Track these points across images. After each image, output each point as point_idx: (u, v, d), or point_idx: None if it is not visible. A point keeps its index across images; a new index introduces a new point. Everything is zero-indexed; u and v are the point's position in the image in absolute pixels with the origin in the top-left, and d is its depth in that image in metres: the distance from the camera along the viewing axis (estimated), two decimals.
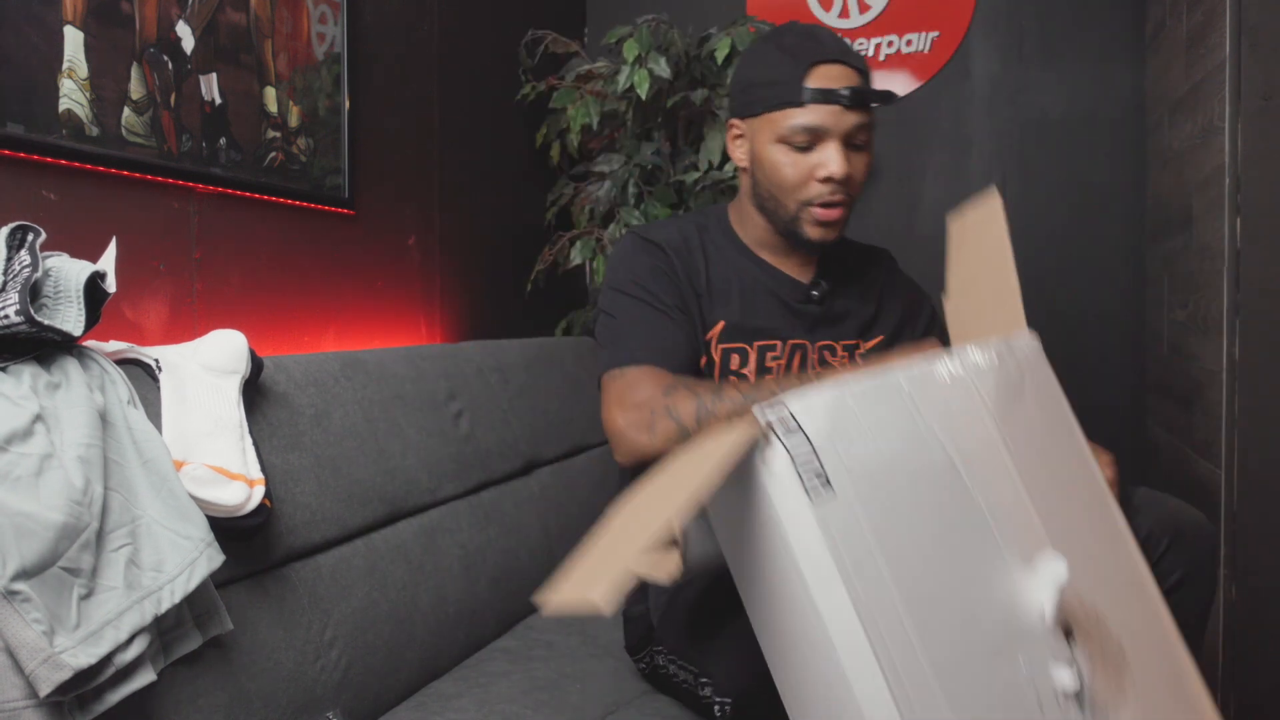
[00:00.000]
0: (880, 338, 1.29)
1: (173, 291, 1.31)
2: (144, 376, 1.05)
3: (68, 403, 0.88)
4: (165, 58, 1.28)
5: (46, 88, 1.12)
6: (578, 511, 1.85)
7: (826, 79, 1.13)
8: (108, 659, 0.80)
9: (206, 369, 1.09)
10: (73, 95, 1.14)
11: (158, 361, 1.06)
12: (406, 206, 1.88)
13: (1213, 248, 1.65)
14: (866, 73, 1.17)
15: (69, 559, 0.79)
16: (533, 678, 1.32)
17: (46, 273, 0.92)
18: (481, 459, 1.59)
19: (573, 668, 1.37)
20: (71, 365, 0.93)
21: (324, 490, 1.20)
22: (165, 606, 0.86)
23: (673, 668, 1.24)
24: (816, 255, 1.26)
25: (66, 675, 0.75)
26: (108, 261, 0.99)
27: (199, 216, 1.36)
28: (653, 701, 1.28)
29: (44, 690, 0.74)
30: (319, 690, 1.11)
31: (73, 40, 1.14)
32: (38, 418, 0.84)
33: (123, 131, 1.22)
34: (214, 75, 1.37)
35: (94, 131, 1.18)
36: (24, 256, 0.90)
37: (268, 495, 1.04)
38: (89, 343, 1.01)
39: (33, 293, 0.89)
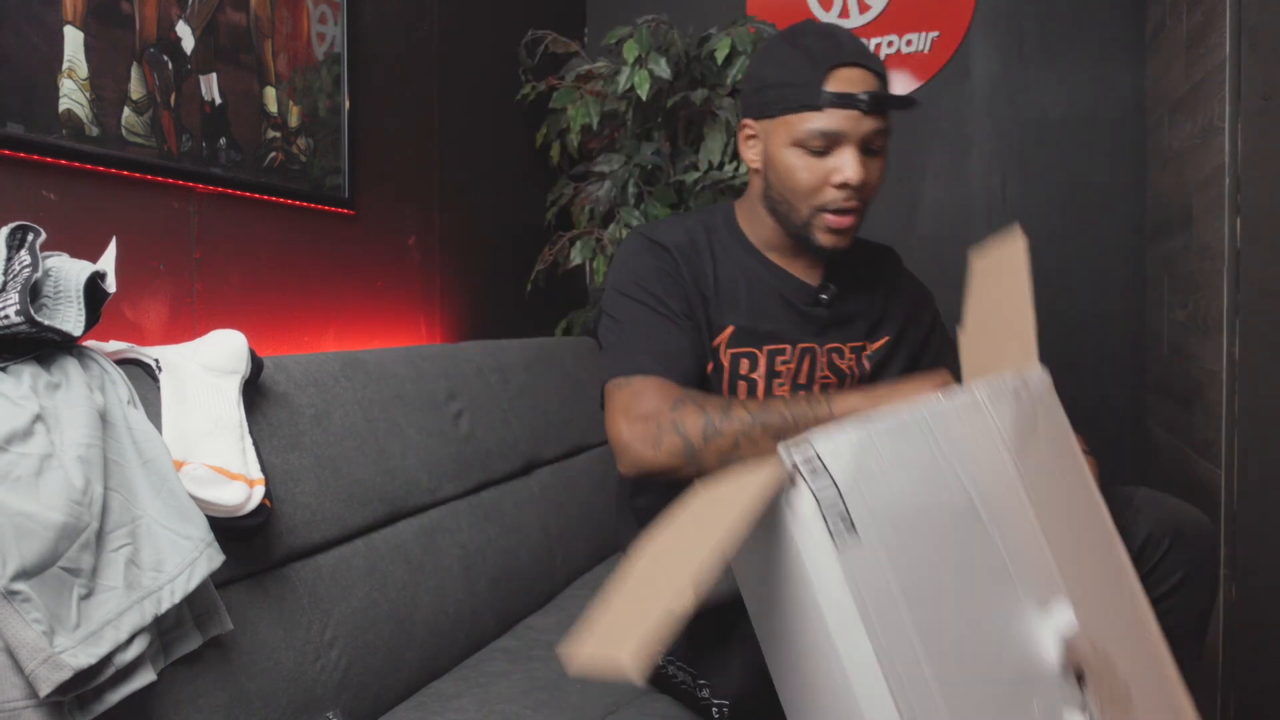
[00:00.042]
0: (886, 339, 1.28)
1: (173, 291, 1.31)
2: (144, 376, 1.05)
3: (68, 403, 0.88)
4: (165, 58, 1.28)
5: (46, 88, 1.12)
6: (578, 511, 1.85)
7: (846, 83, 1.10)
8: (108, 659, 0.80)
9: (206, 369, 1.09)
10: (73, 95, 1.15)
11: (158, 361, 1.06)
12: (406, 206, 1.88)
13: (1213, 248, 1.65)
14: (885, 76, 1.14)
15: (69, 559, 0.79)
16: (533, 678, 1.32)
17: (46, 273, 0.92)
18: (481, 459, 1.59)
19: None
20: (71, 365, 0.93)
21: (324, 490, 1.20)
22: (165, 606, 0.86)
23: (671, 669, 1.24)
24: (825, 259, 1.25)
25: (66, 675, 0.75)
26: (108, 261, 0.99)
27: (199, 216, 1.36)
28: (652, 702, 1.28)
29: (44, 690, 0.74)
30: (319, 690, 1.11)
31: (73, 40, 1.14)
32: (38, 418, 0.84)
33: (123, 131, 1.22)
34: (214, 75, 1.37)
35: (94, 131, 1.18)
36: (24, 256, 0.90)
37: (268, 495, 1.04)
38: (89, 343, 1.01)
39: (33, 293, 0.89)
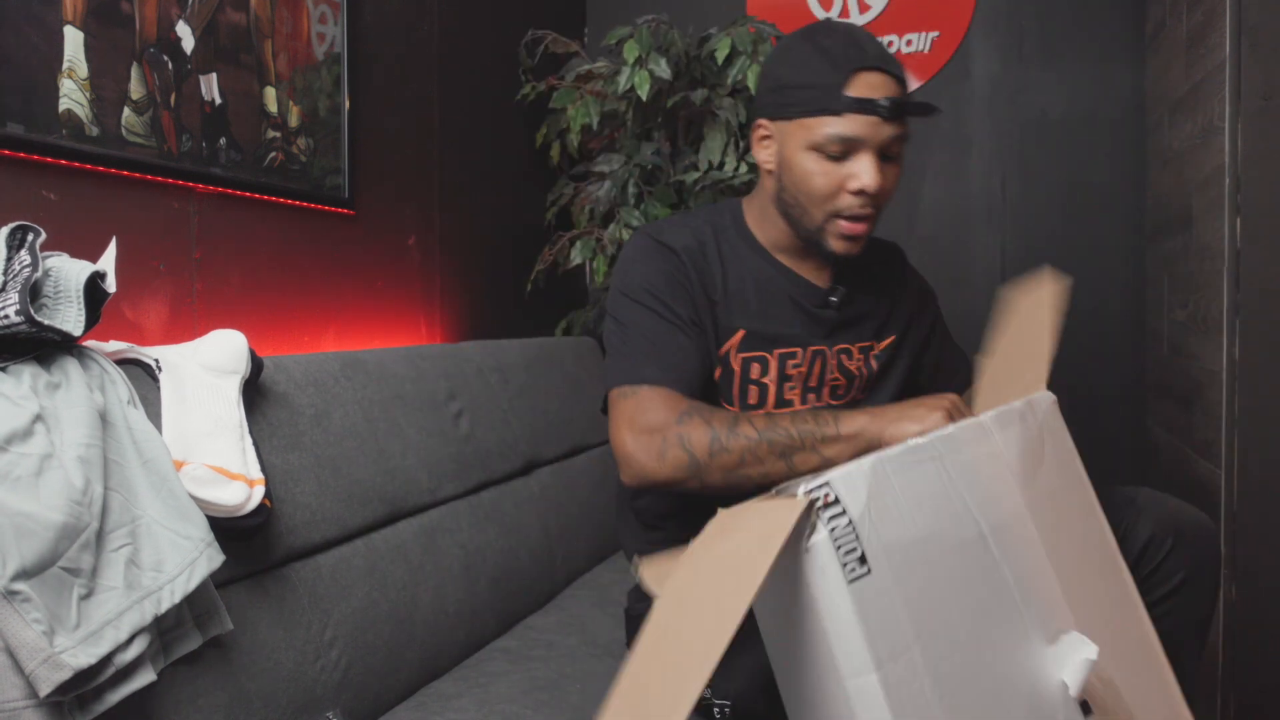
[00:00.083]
0: (893, 338, 1.28)
1: (173, 291, 1.31)
2: (144, 376, 1.05)
3: (68, 403, 0.88)
4: (165, 58, 1.28)
5: (46, 88, 1.12)
6: (578, 511, 1.85)
7: (867, 88, 1.08)
8: (108, 659, 0.80)
9: (206, 369, 1.09)
10: (73, 95, 1.14)
11: (158, 361, 1.06)
12: (406, 206, 1.88)
13: (1213, 248, 1.65)
14: (905, 81, 1.12)
15: (69, 559, 0.79)
16: (533, 678, 1.32)
17: (46, 273, 0.92)
18: (481, 459, 1.59)
19: (573, 668, 1.37)
20: (71, 365, 0.93)
21: (324, 490, 1.20)
22: (165, 606, 0.86)
23: None
24: (836, 264, 1.23)
25: (66, 675, 0.75)
26: (108, 261, 0.99)
27: (199, 216, 1.36)
28: None
29: (44, 690, 0.74)
30: (319, 690, 1.11)
31: (73, 40, 1.14)
32: (38, 418, 0.84)
33: (123, 131, 1.22)
34: (214, 75, 1.37)
35: (94, 131, 1.18)
36: (24, 256, 0.90)
37: (268, 495, 1.04)
38: (89, 343, 1.01)
39: (33, 293, 0.89)
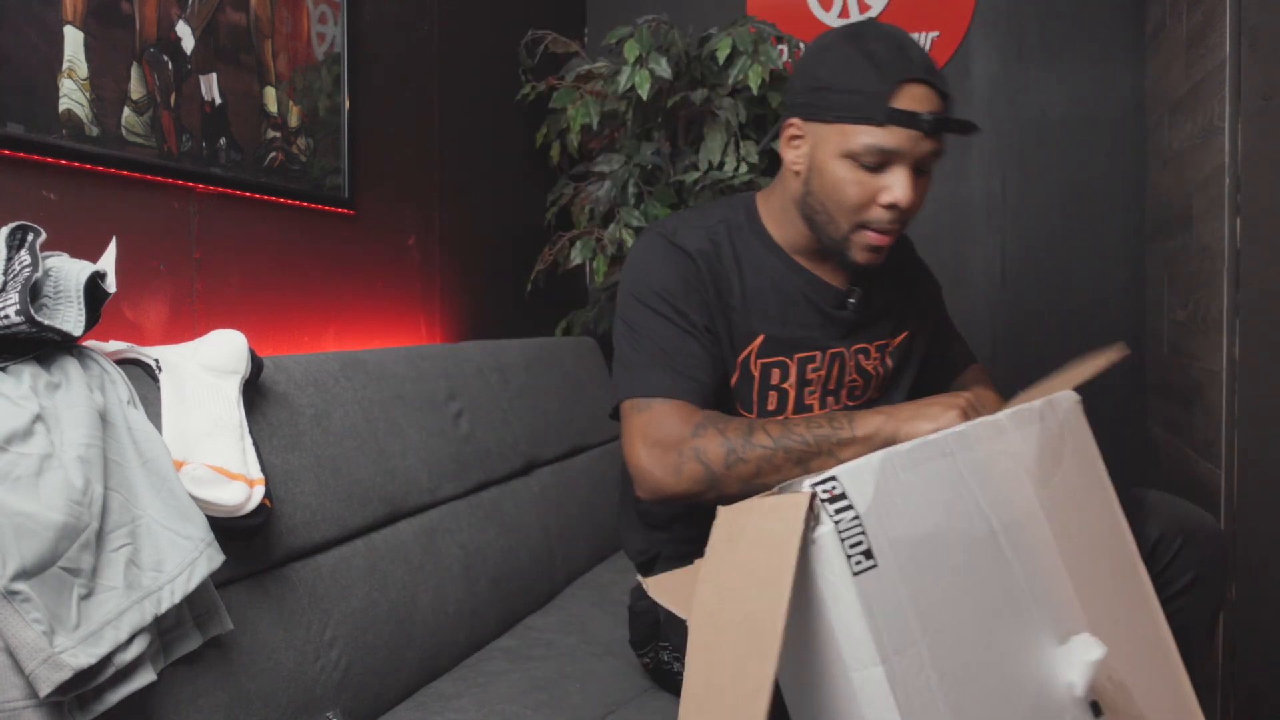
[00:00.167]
0: (906, 333, 1.27)
1: (173, 291, 1.31)
2: (144, 376, 1.05)
3: (68, 403, 0.88)
4: (165, 58, 1.28)
5: (46, 88, 1.12)
6: (578, 511, 1.85)
7: (912, 100, 1.04)
8: (108, 659, 0.80)
9: (206, 369, 1.09)
10: (73, 95, 1.14)
11: (158, 361, 1.06)
12: (406, 206, 1.88)
13: (1213, 248, 1.65)
14: (949, 95, 1.08)
15: (69, 559, 0.79)
16: (533, 678, 1.32)
17: (46, 273, 0.92)
18: (481, 459, 1.59)
19: (573, 667, 1.37)
20: (71, 365, 0.93)
21: (324, 490, 1.20)
22: (165, 606, 0.86)
23: (677, 665, 1.24)
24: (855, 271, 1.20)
25: (66, 675, 0.75)
26: (108, 261, 0.99)
27: (199, 216, 1.36)
28: (653, 700, 1.28)
29: (44, 690, 0.74)
30: (319, 690, 1.11)
31: (73, 40, 1.14)
32: (38, 418, 0.84)
33: (123, 131, 1.22)
34: (214, 75, 1.37)
35: (94, 131, 1.18)
36: (24, 256, 0.90)
37: (268, 495, 1.04)
38: (89, 343, 1.01)
39: (33, 293, 0.89)
